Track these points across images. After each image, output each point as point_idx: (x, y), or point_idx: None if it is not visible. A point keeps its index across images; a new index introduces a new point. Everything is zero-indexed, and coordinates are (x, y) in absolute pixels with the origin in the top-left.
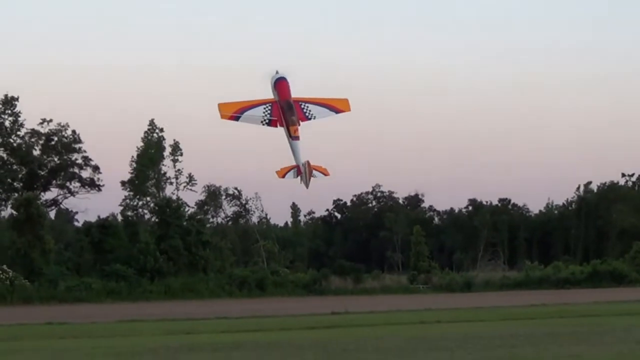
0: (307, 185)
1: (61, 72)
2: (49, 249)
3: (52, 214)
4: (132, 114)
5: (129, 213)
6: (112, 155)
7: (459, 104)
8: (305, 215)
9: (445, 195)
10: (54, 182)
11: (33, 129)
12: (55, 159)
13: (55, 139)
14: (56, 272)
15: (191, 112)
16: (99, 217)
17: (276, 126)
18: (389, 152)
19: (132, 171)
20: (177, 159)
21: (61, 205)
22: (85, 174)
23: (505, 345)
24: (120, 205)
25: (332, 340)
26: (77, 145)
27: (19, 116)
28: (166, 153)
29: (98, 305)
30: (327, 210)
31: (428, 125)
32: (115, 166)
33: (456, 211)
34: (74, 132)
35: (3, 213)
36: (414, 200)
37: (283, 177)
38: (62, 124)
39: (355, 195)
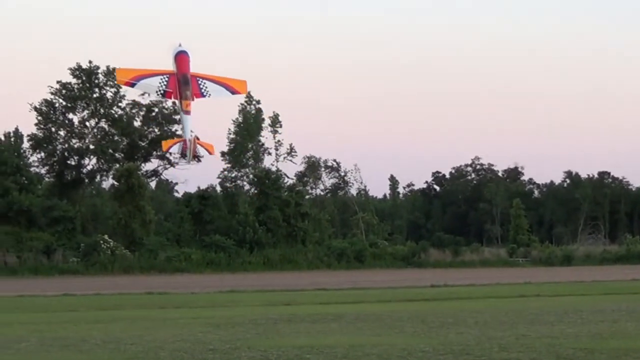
0: (189, 161)
1: (158, 44)
2: (150, 220)
3: (152, 185)
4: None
5: (228, 184)
6: (211, 127)
7: (558, 75)
8: (404, 188)
9: (545, 168)
10: (155, 153)
11: (134, 100)
12: (156, 130)
13: (156, 110)
14: (156, 243)
15: (290, 83)
16: (198, 188)
17: (170, 98)
18: (488, 124)
19: (229, 143)
20: (277, 131)
21: (161, 176)
22: None
23: (607, 320)
24: (218, 177)
25: (431, 313)
26: (177, 117)
27: (121, 87)
28: (265, 124)
29: (197, 276)
30: (426, 182)
31: (527, 98)
32: (214, 137)
33: (556, 184)
34: (174, 103)
35: (104, 184)
36: (513, 173)
37: (167, 150)
38: None
39: (454, 168)
